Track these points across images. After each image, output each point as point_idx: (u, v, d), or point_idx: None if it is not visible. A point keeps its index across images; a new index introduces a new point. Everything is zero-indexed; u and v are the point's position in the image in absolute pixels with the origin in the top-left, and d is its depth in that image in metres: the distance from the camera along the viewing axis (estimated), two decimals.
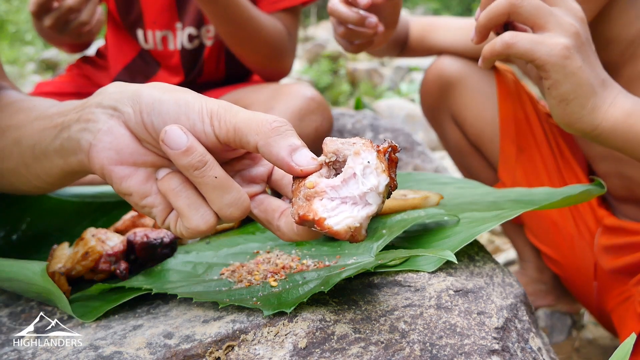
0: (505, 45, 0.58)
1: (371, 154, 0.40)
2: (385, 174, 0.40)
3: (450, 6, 7.96)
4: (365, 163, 0.40)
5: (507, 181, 1.12)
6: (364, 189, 0.39)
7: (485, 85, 1.12)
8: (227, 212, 0.44)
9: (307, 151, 0.42)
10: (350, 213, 0.39)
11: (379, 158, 0.40)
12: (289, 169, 0.42)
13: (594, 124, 0.61)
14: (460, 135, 1.19)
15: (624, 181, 0.96)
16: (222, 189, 0.43)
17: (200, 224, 0.44)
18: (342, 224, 0.38)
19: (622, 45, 0.84)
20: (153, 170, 0.46)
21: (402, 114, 3.58)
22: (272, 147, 0.41)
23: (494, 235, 1.80)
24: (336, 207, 0.39)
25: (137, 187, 0.45)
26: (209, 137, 0.43)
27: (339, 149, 0.42)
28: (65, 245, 0.61)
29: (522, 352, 0.47)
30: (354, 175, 0.40)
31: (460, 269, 0.54)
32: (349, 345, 0.44)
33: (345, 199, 0.40)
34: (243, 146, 0.43)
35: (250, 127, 0.42)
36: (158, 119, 0.43)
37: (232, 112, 0.43)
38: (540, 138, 1.10)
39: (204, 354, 0.44)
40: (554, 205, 0.61)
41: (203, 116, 0.43)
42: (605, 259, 1.00)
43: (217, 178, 0.43)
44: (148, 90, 0.44)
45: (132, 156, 0.45)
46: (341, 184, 0.40)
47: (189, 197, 0.44)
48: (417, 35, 1.21)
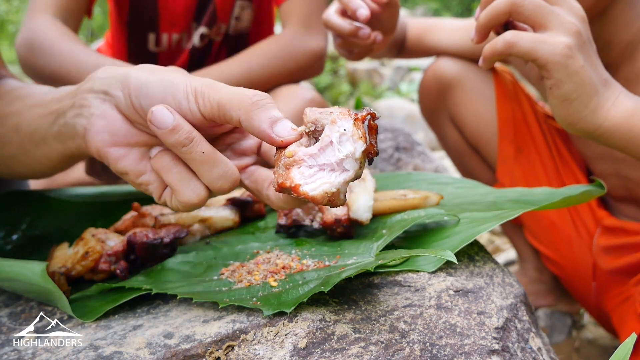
0: (507, 45, 0.58)
1: (347, 122, 0.41)
2: (362, 140, 0.41)
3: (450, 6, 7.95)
4: (342, 131, 0.41)
5: (506, 182, 1.12)
6: (340, 155, 0.41)
7: (484, 86, 1.12)
8: (217, 184, 0.46)
9: (287, 122, 0.44)
10: (328, 179, 0.40)
11: (355, 125, 0.41)
12: (270, 140, 0.43)
13: (596, 124, 0.60)
14: (458, 136, 1.19)
15: (622, 181, 0.96)
16: (210, 163, 0.45)
17: (192, 197, 0.46)
18: (318, 189, 0.40)
19: (621, 46, 0.84)
20: (146, 149, 0.48)
21: (402, 114, 3.58)
22: (253, 121, 0.43)
23: (494, 235, 1.80)
24: (314, 174, 0.41)
25: (132, 166, 0.47)
26: (194, 115, 0.45)
27: (317, 118, 0.43)
28: (65, 245, 0.61)
29: (522, 352, 0.47)
30: (330, 143, 0.41)
31: (460, 269, 0.54)
32: (349, 345, 0.44)
33: (323, 166, 0.41)
34: (227, 121, 0.45)
35: (232, 102, 0.44)
36: (146, 100, 0.45)
37: (215, 89, 0.45)
38: (539, 139, 1.10)
39: (204, 354, 0.44)
40: (554, 205, 0.61)
41: (188, 95, 0.45)
42: (604, 259, 1.00)
43: (205, 153, 0.45)
44: (136, 73, 0.46)
45: (126, 137, 0.47)
46: (318, 151, 0.42)
47: (179, 173, 0.46)
48: (415, 36, 1.21)
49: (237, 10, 1.25)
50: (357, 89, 5.32)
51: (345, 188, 0.41)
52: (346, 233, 0.58)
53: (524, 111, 1.11)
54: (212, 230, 0.68)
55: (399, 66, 5.32)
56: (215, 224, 0.68)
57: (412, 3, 8.75)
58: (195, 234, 0.67)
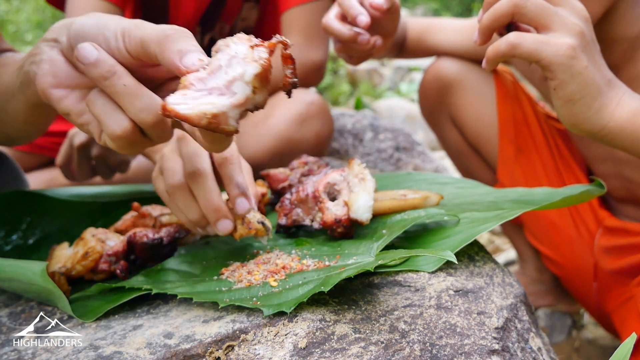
0: (510, 46, 0.58)
1: (241, 46, 0.40)
2: (257, 63, 0.40)
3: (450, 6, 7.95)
4: (232, 54, 0.40)
5: (506, 182, 1.12)
6: (227, 77, 0.40)
7: (484, 86, 1.12)
8: (140, 117, 0.47)
9: (196, 54, 0.44)
10: (210, 101, 0.39)
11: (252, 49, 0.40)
12: (178, 71, 0.44)
13: (601, 124, 0.60)
14: (459, 137, 1.19)
15: (623, 182, 0.96)
16: (133, 95, 0.46)
17: (116, 129, 0.47)
18: (195, 109, 0.39)
19: (623, 46, 0.84)
20: (87, 91, 0.49)
21: (402, 114, 3.58)
22: (164, 53, 0.44)
23: (494, 235, 1.80)
24: (200, 97, 0.39)
25: (72, 106, 0.49)
26: (122, 53, 0.47)
27: (219, 46, 0.42)
28: (65, 245, 0.61)
29: (522, 352, 0.47)
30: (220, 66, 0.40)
31: (460, 269, 0.54)
32: (349, 345, 0.44)
33: (211, 89, 0.40)
34: (151, 59, 0.46)
35: (152, 38, 0.45)
36: (81, 41, 0.47)
37: (140, 27, 0.46)
38: (539, 139, 1.10)
39: (204, 354, 0.44)
40: (554, 205, 0.61)
41: (117, 34, 0.47)
42: (606, 260, 1.00)
43: (127, 85, 0.46)
44: (79, 19, 0.49)
45: (67, 79, 0.49)
46: (208, 75, 0.40)
47: (103, 105, 0.47)
48: (415, 36, 1.21)
49: (244, 11, 1.25)
50: (357, 89, 5.32)
51: (235, 112, 0.40)
52: (346, 233, 0.58)
53: (525, 111, 1.11)
54: None
55: (399, 66, 5.32)
56: None
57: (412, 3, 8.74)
58: (195, 234, 0.67)
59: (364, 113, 1.50)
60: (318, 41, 1.13)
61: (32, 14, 7.20)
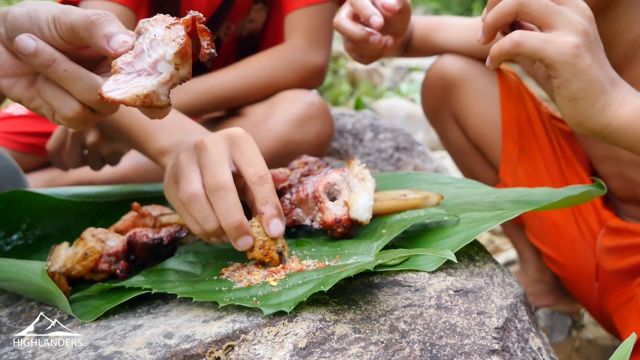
0: (514, 45, 0.58)
1: (159, 28, 0.45)
2: (175, 43, 0.44)
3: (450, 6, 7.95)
4: (152, 36, 0.44)
5: (509, 182, 1.12)
6: (151, 60, 0.44)
7: (488, 85, 1.12)
8: (85, 97, 0.50)
9: (121, 36, 0.48)
10: (141, 83, 0.44)
11: (167, 31, 0.44)
12: (107, 54, 0.48)
13: (604, 123, 0.60)
14: (461, 136, 1.19)
15: (625, 182, 0.96)
16: (75, 78, 0.50)
17: (67, 111, 0.51)
18: (128, 93, 0.44)
19: (624, 46, 0.84)
20: (34, 77, 0.53)
21: (402, 114, 3.58)
22: (93, 38, 0.48)
23: (494, 235, 1.80)
24: (129, 80, 0.44)
25: (22, 93, 0.53)
26: (56, 40, 0.50)
27: (140, 28, 0.46)
28: (65, 245, 0.61)
29: (522, 352, 0.47)
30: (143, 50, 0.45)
31: (460, 269, 0.54)
32: (349, 345, 0.44)
33: (139, 71, 0.45)
34: (83, 43, 0.50)
35: (79, 24, 0.48)
36: (18, 32, 0.50)
37: (68, 13, 0.49)
38: (543, 139, 1.10)
39: (204, 353, 0.44)
40: (554, 205, 0.61)
41: (49, 22, 0.50)
42: (607, 260, 1.00)
43: (67, 70, 0.50)
44: (12, 9, 0.51)
45: (12, 68, 0.52)
46: (134, 59, 0.45)
47: (52, 91, 0.51)
48: (421, 34, 1.20)
49: (252, 13, 1.25)
50: (357, 89, 5.32)
51: (164, 89, 0.45)
52: (346, 233, 0.58)
53: (528, 111, 1.10)
54: None
55: (399, 66, 5.32)
56: None
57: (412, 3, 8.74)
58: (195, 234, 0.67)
59: (364, 113, 1.50)
60: (320, 44, 1.13)
61: None
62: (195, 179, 0.58)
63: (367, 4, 0.79)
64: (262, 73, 1.09)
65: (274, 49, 1.13)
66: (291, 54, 1.12)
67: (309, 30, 1.13)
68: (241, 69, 1.10)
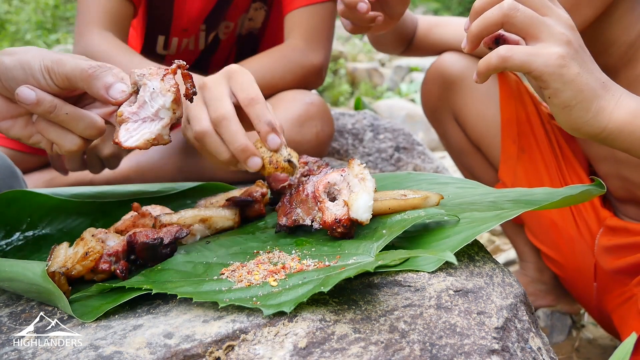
0: (501, 59, 0.59)
1: (155, 82, 0.54)
2: (170, 92, 0.54)
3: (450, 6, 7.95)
4: (151, 90, 0.53)
5: (508, 181, 1.12)
6: (153, 110, 0.54)
7: (488, 84, 1.12)
8: (86, 134, 0.57)
9: (119, 86, 0.55)
10: (148, 129, 0.54)
11: (162, 83, 0.54)
12: (107, 102, 0.55)
13: (601, 127, 0.61)
14: (461, 135, 1.19)
15: (623, 182, 0.96)
16: (76, 119, 0.56)
17: (71, 147, 0.58)
18: (140, 140, 0.53)
19: (622, 49, 0.84)
20: (29, 116, 0.59)
21: (402, 114, 3.58)
22: (92, 89, 0.55)
23: (494, 235, 1.80)
24: (137, 127, 0.54)
25: (21, 133, 0.59)
26: (52, 87, 0.55)
27: (136, 80, 0.55)
28: (65, 245, 0.61)
29: (522, 352, 0.47)
30: (144, 102, 0.54)
31: (460, 269, 0.54)
32: (349, 345, 0.44)
33: (144, 119, 0.54)
34: (79, 89, 0.56)
35: (76, 76, 0.54)
36: (13, 83, 0.55)
37: (61, 64, 0.55)
38: (542, 139, 1.10)
39: (204, 353, 0.44)
40: (554, 205, 0.61)
41: (43, 73, 0.55)
42: (606, 259, 1.00)
43: (68, 114, 0.56)
44: (2, 58, 0.56)
45: (9, 112, 0.58)
46: (138, 109, 0.54)
47: (55, 131, 0.57)
48: (423, 31, 1.20)
49: (251, 11, 1.25)
50: (357, 89, 5.31)
51: (166, 131, 0.55)
52: (346, 233, 0.58)
53: (528, 111, 1.11)
54: (212, 230, 0.68)
55: (399, 66, 5.32)
56: (215, 224, 0.68)
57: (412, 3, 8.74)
58: (195, 234, 0.67)
59: (364, 113, 1.50)
60: (319, 44, 1.13)
61: (32, 14, 7.20)
62: (202, 116, 0.65)
63: None
64: (260, 74, 1.09)
65: (272, 50, 1.13)
66: (289, 55, 1.11)
67: (308, 30, 1.13)
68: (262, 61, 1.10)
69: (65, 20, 7.35)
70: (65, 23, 7.34)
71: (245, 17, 1.25)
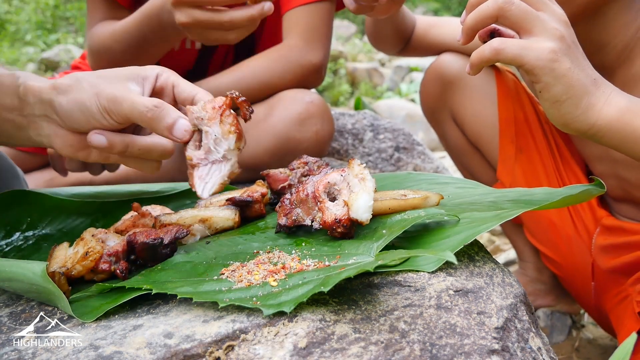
0: (494, 52, 0.59)
1: (215, 127, 0.55)
2: (232, 133, 0.55)
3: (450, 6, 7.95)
4: (214, 137, 0.55)
5: (506, 181, 1.12)
6: (220, 154, 0.56)
7: (486, 84, 1.12)
8: (161, 158, 0.62)
9: (181, 124, 0.58)
10: (219, 172, 0.56)
11: (222, 124, 0.55)
12: (174, 140, 0.59)
13: (589, 123, 0.61)
14: (460, 135, 1.19)
15: (619, 182, 0.96)
16: (148, 151, 0.60)
17: (152, 171, 0.63)
18: (215, 185, 0.56)
19: (617, 48, 0.84)
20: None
21: (402, 114, 3.58)
22: (156, 130, 0.58)
23: (494, 235, 1.80)
24: (209, 170, 0.56)
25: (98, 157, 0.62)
26: (114, 125, 0.58)
27: (195, 123, 0.58)
28: (65, 245, 0.61)
29: (522, 352, 0.47)
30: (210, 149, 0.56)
31: (460, 269, 0.54)
32: (349, 345, 0.44)
33: (213, 162, 0.57)
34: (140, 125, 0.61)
35: (135, 117, 0.57)
36: (76, 124, 0.58)
37: (118, 104, 0.57)
38: (540, 139, 1.10)
39: (204, 353, 0.44)
40: (554, 205, 0.61)
41: (103, 114, 0.57)
42: (602, 258, 1.01)
43: (140, 149, 0.59)
44: (57, 100, 0.57)
45: (80, 143, 0.60)
46: (205, 154, 0.57)
47: (134, 162, 0.62)
48: (422, 31, 1.21)
49: None
50: (357, 89, 5.31)
51: (235, 166, 0.57)
52: (346, 233, 0.58)
53: (526, 111, 1.11)
54: (212, 230, 0.68)
55: (399, 66, 5.32)
56: (215, 224, 0.68)
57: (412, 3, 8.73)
58: (195, 234, 0.67)
59: (364, 113, 1.50)
60: (318, 43, 1.13)
61: (32, 14, 7.20)
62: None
63: None
64: (259, 74, 1.09)
65: (271, 50, 1.13)
66: (288, 54, 1.11)
67: (306, 29, 1.13)
68: (238, 72, 1.10)
69: (65, 20, 7.35)
70: (65, 23, 7.34)
71: None
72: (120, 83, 0.59)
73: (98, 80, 0.59)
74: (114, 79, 0.60)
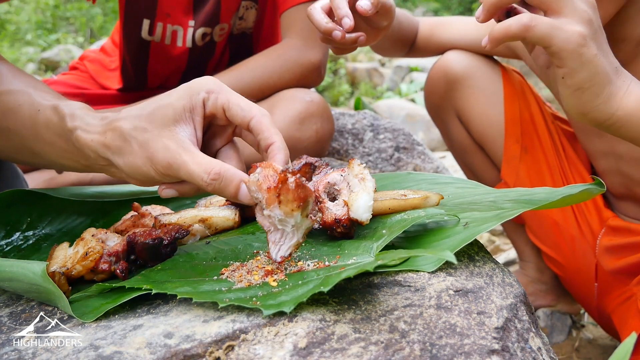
0: (523, 28, 0.55)
1: (276, 210, 0.51)
2: (295, 210, 0.51)
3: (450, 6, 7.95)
4: (278, 219, 0.52)
5: (510, 181, 1.12)
6: (289, 231, 0.53)
7: (492, 83, 1.12)
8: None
9: (244, 190, 0.55)
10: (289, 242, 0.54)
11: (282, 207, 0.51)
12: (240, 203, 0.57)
13: (610, 112, 0.59)
14: (464, 133, 1.19)
15: (623, 179, 0.96)
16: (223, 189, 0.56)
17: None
18: (288, 251, 0.53)
19: (630, 45, 0.84)
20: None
21: (402, 114, 3.58)
22: (222, 195, 0.56)
23: (494, 235, 1.80)
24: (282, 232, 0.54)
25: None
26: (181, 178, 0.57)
27: (255, 197, 0.53)
28: (65, 245, 0.61)
29: (522, 352, 0.47)
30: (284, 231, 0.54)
31: (460, 269, 0.54)
32: (349, 345, 0.44)
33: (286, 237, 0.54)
34: None
35: (197, 181, 0.55)
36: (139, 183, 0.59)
37: (175, 171, 0.55)
38: (545, 139, 1.09)
39: (204, 353, 0.44)
40: (554, 204, 0.61)
41: (164, 178, 0.57)
42: (607, 259, 1.00)
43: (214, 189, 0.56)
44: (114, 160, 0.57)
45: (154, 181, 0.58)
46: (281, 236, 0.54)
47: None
48: (426, 33, 1.20)
49: (241, 10, 1.25)
50: (357, 89, 5.31)
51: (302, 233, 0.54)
52: (346, 233, 0.58)
53: (532, 111, 1.10)
54: (212, 230, 0.68)
55: (399, 66, 5.31)
56: (215, 224, 0.68)
57: (412, 3, 8.74)
58: (195, 234, 0.67)
59: (364, 113, 1.50)
60: (316, 41, 1.13)
61: (32, 14, 7.20)
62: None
63: (343, 4, 0.79)
64: (258, 74, 1.09)
65: (270, 49, 1.13)
66: (286, 53, 1.11)
67: (305, 28, 1.13)
68: (236, 71, 1.10)
69: (65, 20, 7.35)
70: (65, 23, 7.34)
71: (236, 16, 1.24)
72: (169, 132, 0.55)
73: (145, 136, 0.55)
74: (161, 126, 0.56)
